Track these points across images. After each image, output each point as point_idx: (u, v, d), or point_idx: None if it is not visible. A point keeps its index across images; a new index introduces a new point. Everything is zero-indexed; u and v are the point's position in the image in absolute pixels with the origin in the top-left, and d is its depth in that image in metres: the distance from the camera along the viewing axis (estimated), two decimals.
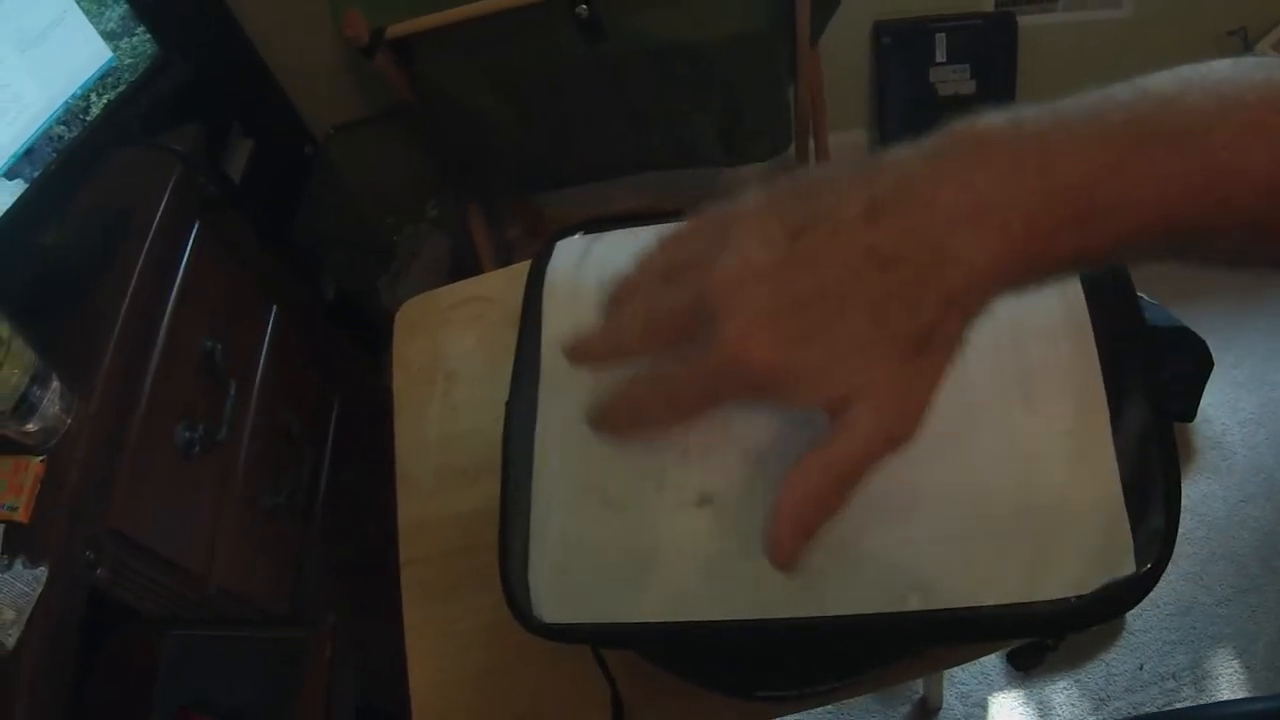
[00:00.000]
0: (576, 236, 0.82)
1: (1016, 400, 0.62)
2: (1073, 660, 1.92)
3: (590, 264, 0.78)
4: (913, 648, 0.83)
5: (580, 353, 0.60)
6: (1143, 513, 0.57)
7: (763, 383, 0.49)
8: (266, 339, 1.72)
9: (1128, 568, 0.55)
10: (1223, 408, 2.24)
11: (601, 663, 0.81)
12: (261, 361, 1.67)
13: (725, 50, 1.82)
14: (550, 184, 2.30)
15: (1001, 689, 1.91)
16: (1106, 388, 0.61)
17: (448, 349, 1.12)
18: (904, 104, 2.64)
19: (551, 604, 0.64)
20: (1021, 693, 1.90)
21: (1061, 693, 1.89)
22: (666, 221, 0.79)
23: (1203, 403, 2.19)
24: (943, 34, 2.48)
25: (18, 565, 1.07)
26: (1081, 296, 0.65)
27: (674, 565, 0.63)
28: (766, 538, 0.51)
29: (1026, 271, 0.47)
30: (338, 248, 2.30)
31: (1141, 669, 1.91)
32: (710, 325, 0.50)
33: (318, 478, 1.79)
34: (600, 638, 0.68)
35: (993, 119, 0.48)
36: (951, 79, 2.55)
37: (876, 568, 0.59)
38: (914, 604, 0.58)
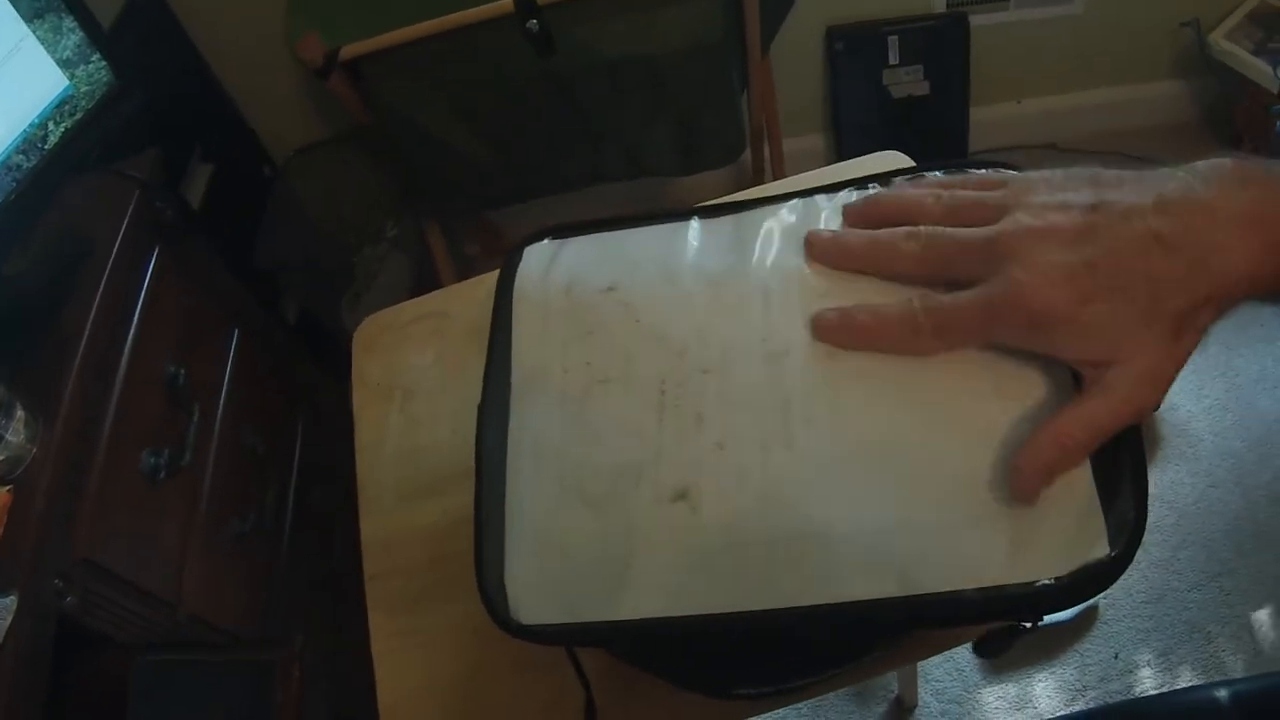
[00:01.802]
0: (545, 242, 0.82)
1: (987, 388, 0.63)
2: (1047, 652, 1.93)
3: (558, 268, 0.79)
4: (892, 636, 0.84)
5: (835, 251, 0.69)
6: (1113, 496, 0.58)
7: (1042, 324, 0.57)
8: (229, 362, 1.71)
9: (1102, 550, 0.56)
10: (1188, 394, 2.26)
11: (576, 665, 0.80)
12: (225, 385, 1.67)
13: (676, 62, 1.83)
14: (508, 200, 2.29)
15: (976, 684, 1.92)
16: (1072, 373, 0.62)
17: (405, 364, 1.12)
18: (859, 108, 2.66)
19: (529, 605, 0.64)
20: (997, 687, 1.91)
21: (1037, 685, 1.90)
22: (631, 227, 0.81)
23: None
24: (895, 36, 2.49)
25: None
26: None
27: (652, 561, 0.63)
28: (1013, 473, 0.58)
29: (1275, 279, 0.55)
30: (299, 269, 2.29)
31: (1116, 658, 1.92)
32: (1002, 267, 0.58)
33: (285, 498, 1.78)
34: (579, 637, 0.68)
35: (1249, 159, 0.57)
36: (905, 81, 2.57)
37: (853, 556, 0.60)
38: (892, 590, 0.58)
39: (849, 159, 1.17)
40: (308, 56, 1.77)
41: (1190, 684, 1.86)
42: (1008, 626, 0.72)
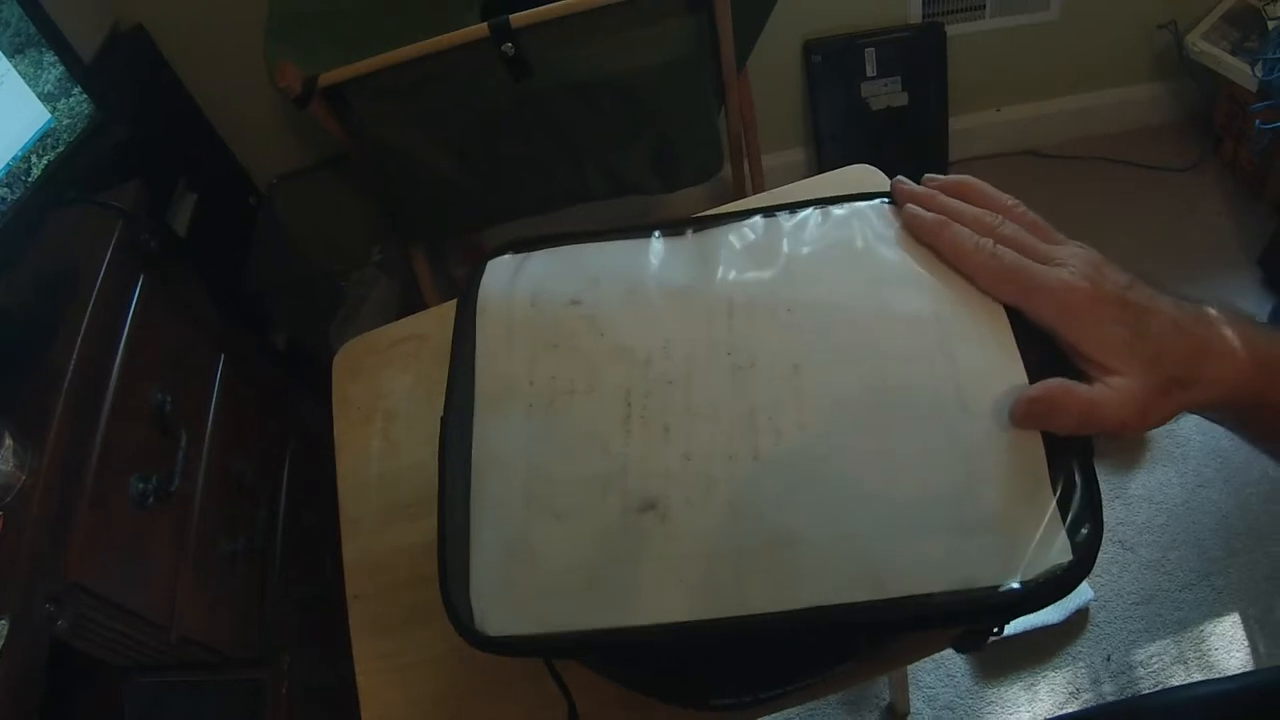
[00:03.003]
0: (507, 256, 0.83)
1: (952, 402, 0.64)
2: (1039, 655, 1.94)
3: (522, 281, 0.79)
4: (863, 643, 0.84)
5: (922, 205, 0.74)
6: (1071, 502, 0.61)
7: (1075, 316, 0.65)
8: (216, 388, 1.72)
9: (1064, 556, 0.59)
10: None
11: (557, 678, 0.81)
12: (212, 411, 1.67)
13: (651, 80, 1.84)
14: (490, 222, 2.29)
15: (968, 690, 1.92)
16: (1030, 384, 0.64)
17: (386, 388, 1.13)
18: (838, 120, 2.67)
19: (497, 617, 0.64)
20: (989, 692, 1.91)
21: (1029, 689, 1.90)
22: (590, 241, 0.82)
23: None
24: (872, 49, 2.51)
25: None
26: (1002, 307, 0.69)
27: (621, 572, 0.63)
28: (1014, 404, 0.63)
29: (1243, 394, 0.64)
30: (286, 295, 2.30)
31: (1109, 660, 1.92)
32: (1059, 260, 0.67)
33: (274, 522, 1.79)
34: (548, 648, 0.68)
35: (1235, 310, 0.67)
36: (883, 92, 2.58)
37: (823, 564, 0.61)
38: (862, 595, 0.60)
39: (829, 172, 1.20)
40: (285, 85, 1.78)
41: (1183, 684, 1.86)
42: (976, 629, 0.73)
